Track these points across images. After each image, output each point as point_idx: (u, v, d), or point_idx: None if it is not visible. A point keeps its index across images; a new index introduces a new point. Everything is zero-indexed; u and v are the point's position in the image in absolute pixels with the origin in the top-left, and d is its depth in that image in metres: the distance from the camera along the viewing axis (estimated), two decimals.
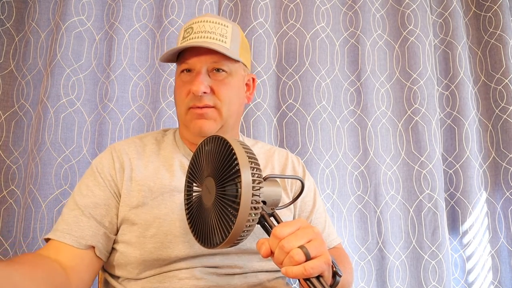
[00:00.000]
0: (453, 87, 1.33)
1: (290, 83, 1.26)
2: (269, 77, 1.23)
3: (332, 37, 1.30)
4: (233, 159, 0.51)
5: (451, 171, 1.31)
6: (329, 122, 1.25)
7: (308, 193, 0.84)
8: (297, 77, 1.25)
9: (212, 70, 0.72)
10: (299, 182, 0.82)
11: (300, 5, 1.29)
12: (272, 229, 0.52)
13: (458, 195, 1.27)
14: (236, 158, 0.50)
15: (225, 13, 1.29)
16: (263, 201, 0.55)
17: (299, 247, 0.48)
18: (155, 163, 0.74)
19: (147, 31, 1.21)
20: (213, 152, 0.55)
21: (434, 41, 1.37)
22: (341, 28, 1.33)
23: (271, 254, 0.50)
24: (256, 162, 0.52)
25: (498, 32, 1.32)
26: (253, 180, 0.50)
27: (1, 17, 1.18)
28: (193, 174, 0.60)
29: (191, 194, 0.60)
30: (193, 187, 0.60)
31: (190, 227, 0.59)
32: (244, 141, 0.64)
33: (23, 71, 1.18)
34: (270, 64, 1.24)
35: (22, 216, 1.07)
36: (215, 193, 0.52)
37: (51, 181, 1.07)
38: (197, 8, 1.23)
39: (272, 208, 0.56)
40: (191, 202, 0.60)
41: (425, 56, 1.28)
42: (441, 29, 1.38)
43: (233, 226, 0.49)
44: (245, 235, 0.52)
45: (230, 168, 0.51)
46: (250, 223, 0.51)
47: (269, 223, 0.54)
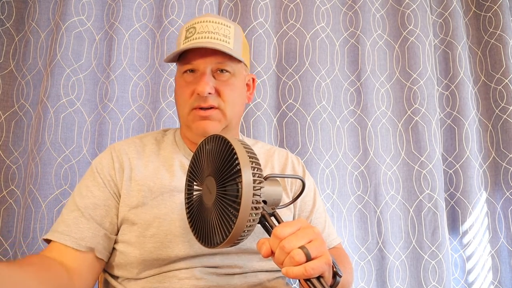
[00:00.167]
0: (453, 87, 1.33)
1: (290, 83, 1.26)
2: (269, 77, 1.23)
3: (332, 37, 1.30)
4: (234, 158, 0.51)
5: (451, 171, 1.31)
6: (329, 122, 1.25)
7: (308, 193, 0.84)
8: (297, 77, 1.25)
9: (216, 71, 0.72)
10: (299, 182, 0.82)
11: (300, 5, 1.29)
12: (272, 229, 0.51)
13: (458, 195, 1.27)
14: (237, 158, 0.50)
15: (225, 13, 1.29)
16: (264, 201, 0.54)
17: (299, 247, 0.48)
18: (155, 163, 0.74)
19: (147, 31, 1.21)
20: (214, 151, 0.55)
21: (434, 41, 1.37)
22: (341, 28, 1.33)
23: (272, 254, 0.50)
24: (257, 162, 0.52)
25: (498, 32, 1.32)
26: (254, 180, 0.50)
27: (1, 17, 1.18)
28: (194, 174, 0.59)
29: (191, 194, 0.60)
30: (194, 187, 0.60)
31: (190, 226, 0.58)
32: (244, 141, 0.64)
33: (23, 71, 1.18)
34: (270, 64, 1.24)
35: (22, 216, 1.06)
36: (215, 193, 0.52)
37: (51, 181, 1.07)
38: (197, 8, 1.23)
39: (272, 208, 0.55)
40: (191, 202, 0.60)
41: (425, 56, 1.28)
42: (441, 29, 1.38)
43: (233, 226, 0.49)
44: (245, 235, 0.52)
45: (231, 167, 0.51)
46: (251, 223, 0.50)
47: (269, 223, 0.53)
